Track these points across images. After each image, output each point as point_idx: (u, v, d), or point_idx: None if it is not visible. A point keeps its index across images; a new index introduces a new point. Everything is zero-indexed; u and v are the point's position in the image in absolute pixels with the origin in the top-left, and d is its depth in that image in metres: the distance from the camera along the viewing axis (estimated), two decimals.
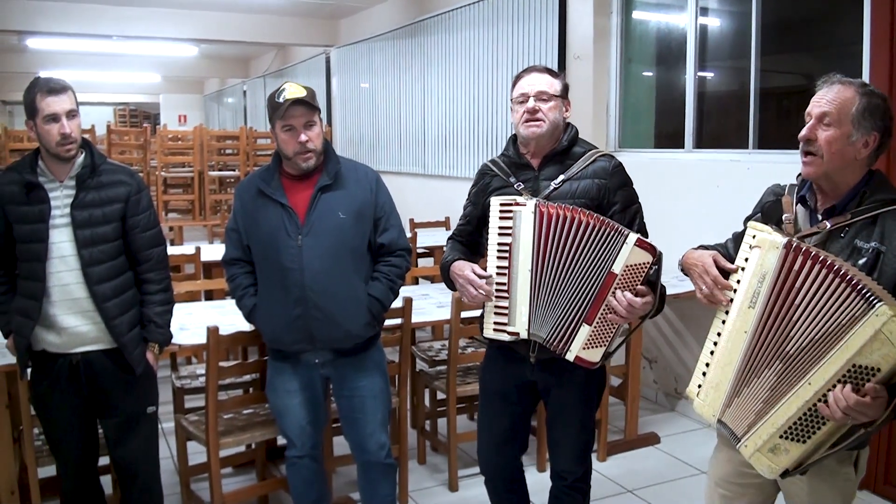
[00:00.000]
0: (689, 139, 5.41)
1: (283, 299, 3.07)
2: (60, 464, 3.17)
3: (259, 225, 3.11)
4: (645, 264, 2.56)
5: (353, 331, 3.13)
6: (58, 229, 2.87)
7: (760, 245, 2.16)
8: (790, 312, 2.06)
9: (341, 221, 3.07)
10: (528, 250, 2.68)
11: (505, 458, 3.06)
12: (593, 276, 2.59)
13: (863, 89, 2.16)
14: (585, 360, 2.65)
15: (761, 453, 2.11)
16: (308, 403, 3.23)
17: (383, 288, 3.18)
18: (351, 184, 3.14)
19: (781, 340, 2.08)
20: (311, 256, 3.03)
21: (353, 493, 4.05)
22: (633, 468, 4.49)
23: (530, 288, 2.68)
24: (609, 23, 6.02)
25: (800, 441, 2.06)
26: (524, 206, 2.68)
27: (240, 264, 3.23)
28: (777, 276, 2.09)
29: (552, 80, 2.81)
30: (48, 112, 2.78)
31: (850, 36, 4.29)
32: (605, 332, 2.63)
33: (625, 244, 2.55)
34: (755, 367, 2.14)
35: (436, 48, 8.39)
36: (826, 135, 2.15)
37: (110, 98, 21.33)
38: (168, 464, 4.27)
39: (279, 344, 3.18)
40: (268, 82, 15.06)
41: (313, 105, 3.03)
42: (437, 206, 7.80)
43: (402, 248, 3.25)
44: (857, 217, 2.14)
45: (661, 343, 5.52)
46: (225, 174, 11.49)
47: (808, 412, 2.03)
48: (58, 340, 2.92)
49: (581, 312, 2.62)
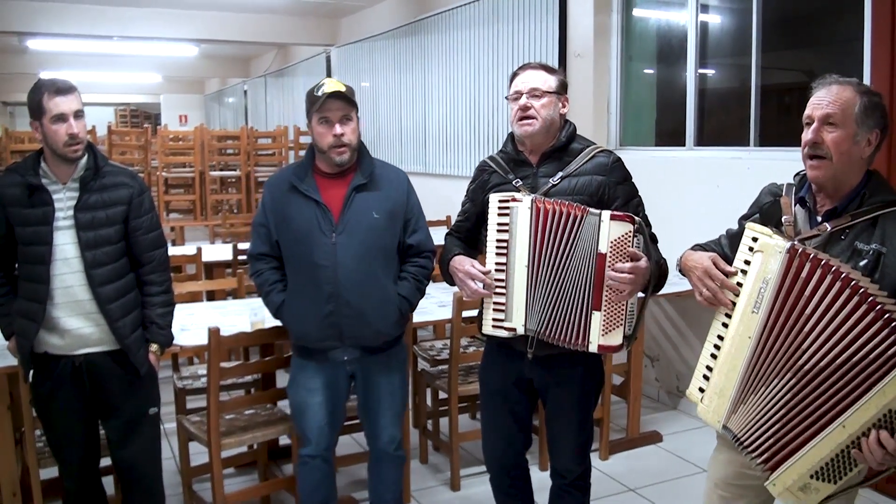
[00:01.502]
0: (690, 137, 5.40)
1: (314, 296, 3.08)
2: (62, 465, 3.17)
3: (291, 221, 3.11)
4: (627, 234, 2.56)
5: (383, 329, 3.15)
6: (61, 231, 2.86)
7: (763, 250, 2.14)
8: (800, 322, 2.03)
9: (375, 221, 3.09)
10: (524, 246, 2.69)
11: (508, 455, 3.06)
12: (586, 263, 2.61)
13: (859, 88, 2.16)
14: (609, 347, 2.65)
15: (791, 492, 2.06)
16: (328, 403, 3.23)
17: (412, 287, 3.21)
18: (384, 184, 3.16)
19: (792, 352, 2.04)
20: (344, 255, 3.04)
21: (356, 492, 4.06)
22: (636, 467, 4.49)
23: (527, 283, 2.70)
24: (609, 20, 6.01)
25: (831, 482, 2.00)
26: (521, 203, 2.70)
27: (266, 259, 3.22)
28: (781, 282, 2.07)
29: (546, 77, 2.81)
30: (56, 112, 2.78)
31: (850, 32, 4.28)
32: (616, 313, 2.62)
33: (601, 222, 2.57)
34: (762, 374, 2.11)
35: (436, 47, 8.39)
36: (833, 136, 2.13)
37: (111, 99, 21.32)
38: (170, 464, 4.27)
39: (307, 341, 3.18)
40: (268, 82, 15.07)
41: (351, 100, 3.05)
42: (437, 204, 7.79)
43: (429, 249, 3.28)
44: (857, 219, 2.13)
45: (662, 341, 5.52)
46: (226, 174, 11.49)
47: (841, 454, 1.98)
48: (60, 342, 2.92)
49: (586, 302, 2.63)
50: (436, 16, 8.29)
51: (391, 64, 9.52)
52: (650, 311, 5.40)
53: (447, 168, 8.32)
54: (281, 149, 11.49)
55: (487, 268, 2.76)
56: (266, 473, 4.09)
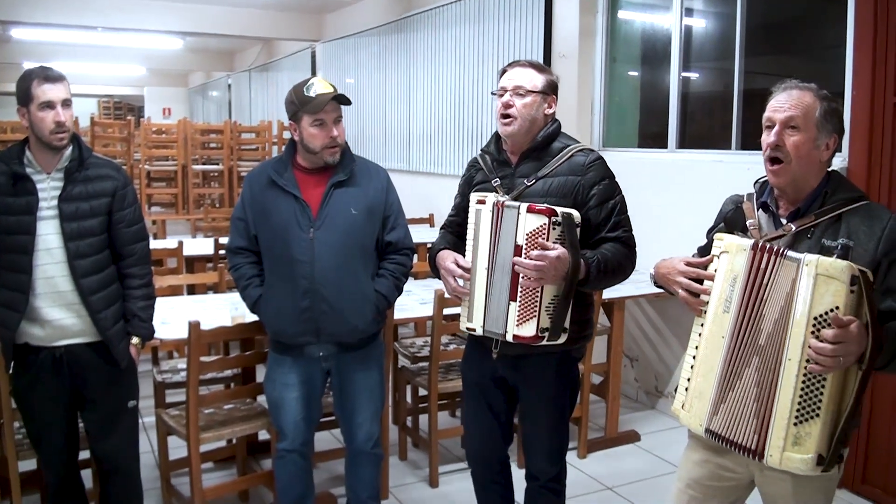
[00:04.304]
0: (673, 139, 5.43)
1: (290, 291, 3.09)
2: (42, 457, 3.16)
3: (270, 216, 3.13)
4: (543, 226, 2.57)
5: (360, 326, 3.16)
6: (44, 221, 2.85)
7: (728, 250, 2.19)
8: (760, 308, 2.10)
9: (353, 217, 3.10)
10: (485, 248, 2.72)
11: (489, 449, 3.07)
12: (508, 256, 2.63)
13: (819, 93, 2.20)
14: (522, 337, 2.65)
15: (788, 453, 2.05)
16: (304, 399, 3.24)
17: (389, 285, 3.22)
18: (364, 181, 3.17)
19: (754, 336, 2.11)
20: (322, 250, 3.06)
21: (334, 488, 4.06)
22: (614, 466, 4.51)
23: (486, 284, 2.72)
24: (594, 22, 6.03)
25: (813, 417, 2.02)
26: (484, 205, 2.72)
27: (245, 254, 3.24)
28: (747, 277, 2.13)
29: (533, 76, 2.79)
30: (44, 99, 2.79)
31: (833, 38, 4.32)
32: (530, 303, 2.62)
33: (519, 214, 2.60)
34: (736, 369, 2.15)
35: (421, 45, 8.39)
36: (794, 140, 2.17)
37: (94, 90, 21.18)
38: (148, 458, 4.26)
39: (283, 336, 3.19)
40: (253, 76, 15.02)
41: (345, 100, 3.08)
42: (420, 202, 7.80)
43: (408, 247, 3.29)
44: (820, 218, 2.18)
45: (642, 342, 5.55)
46: (209, 168, 11.44)
47: (804, 384, 2.01)
48: (41, 333, 2.91)
49: (507, 293, 2.65)
50: (421, 14, 8.29)
51: (376, 61, 9.51)
52: (629, 313, 5.43)
53: (431, 166, 8.32)
54: (264, 144, 11.45)
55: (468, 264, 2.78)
56: (245, 468, 4.08)
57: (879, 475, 3.95)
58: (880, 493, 3.94)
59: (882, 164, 3.86)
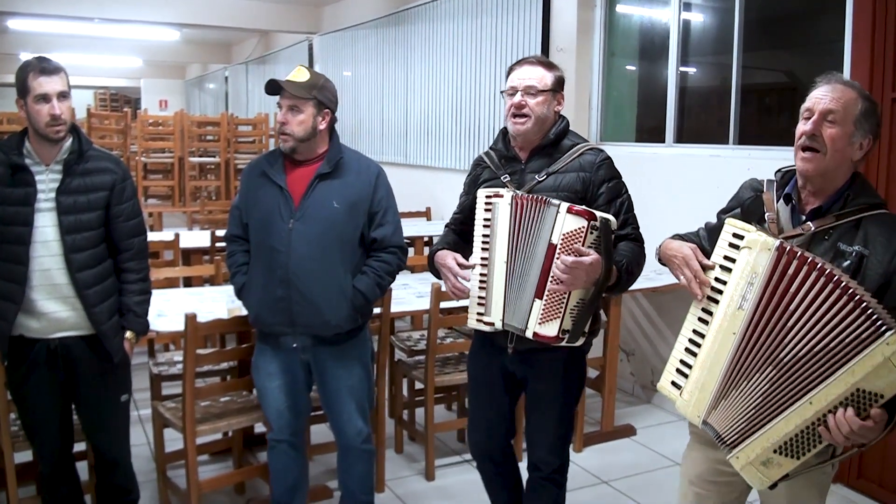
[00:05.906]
0: (670, 134, 5.43)
1: (267, 280, 3.11)
2: (37, 449, 3.16)
3: (257, 205, 3.16)
4: (581, 229, 2.56)
5: (333, 321, 3.14)
6: (42, 213, 2.85)
7: (750, 246, 2.15)
8: (784, 318, 2.05)
9: (334, 210, 3.09)
10: (504, 241, 2.72)
11: (492, 442, 3.09)
12: (539, 253, 2.63)
13: (861, 93, 2.18)
14: (543, 336, 2.65)
15: (753, 466, 2.08)
16: (286, 388, 3.25)
17: (369, 282, 3.18)
18: (351, 175, 3.16)
19: (775, 346, 2.06)
20: (299, 241, 3.06)
21: (330, 481, 4.06)
22: (609, 459, 4.52)
23: (505, 278, 2.72)
24: (592, 16, 6.03)
25: (794, 457, 2.03)
26: (502, 199, 2.72)
27: (239, 242, 3.27)
28: (769, 279, 2.08)
29: (543, 74, 2.79)
30: (39, 92, 2.78)
31: (831, 33, 4.31)
32: (555, 303, 2.62)
33: (558, 213, 2.58)
34: (745, 370, 2.13)
35: (419, 38, 8.37)
36: (831, 132, 2.14)
37: (91, 82, 21.09)
38: (145, 450, 4.26)
39: (261, 324, 3.21)
40: (250, 69, 14.97)
41: (294, 93, 3.05)
42: (418, 196, 7.80)
43: (396, 245, 3.25)
44: (841, 220, 2.15)
45: (638, 336, 5.56)
46: (205, 160, 11.40)
47: (806, 430, 2.01)
48: (36, 325, 2.90)
49: (533, 289, 2.65)
50: (419, 6, 8.27)
51: (373, 54, 9.48)
52: (626, 307, 5.43)
53: (428, 159, 8.30)
54: (261, 136, 11.43)
55: (472, 262, 2.78)
56: (241, 460, 4.08)
57: (875, 470, 3.95)
58: (875, 488, 3.95)
59: (880, 158, 3.86)
